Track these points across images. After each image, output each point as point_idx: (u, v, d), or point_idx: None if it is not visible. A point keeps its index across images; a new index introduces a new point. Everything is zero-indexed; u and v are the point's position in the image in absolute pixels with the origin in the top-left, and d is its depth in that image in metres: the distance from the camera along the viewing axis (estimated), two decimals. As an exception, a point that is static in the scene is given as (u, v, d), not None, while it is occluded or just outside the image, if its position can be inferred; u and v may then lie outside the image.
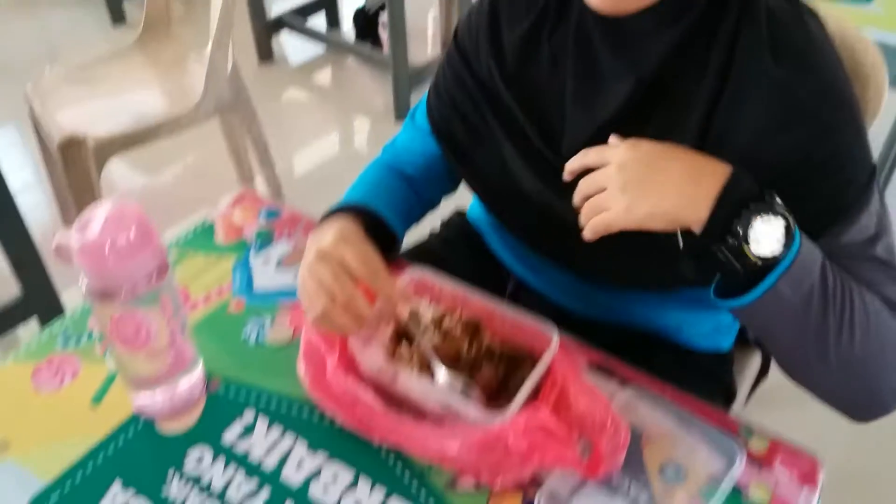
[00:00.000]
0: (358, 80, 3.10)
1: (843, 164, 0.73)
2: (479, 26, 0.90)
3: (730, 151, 0.72)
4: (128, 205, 0.67)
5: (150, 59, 2.12)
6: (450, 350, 0.77)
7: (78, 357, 0.85)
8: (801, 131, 0.72)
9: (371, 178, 0.99)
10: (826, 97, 0.72)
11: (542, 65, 0.85)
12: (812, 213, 0.72)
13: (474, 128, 0.92)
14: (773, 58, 0.72)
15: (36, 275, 1.72)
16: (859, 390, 0.76)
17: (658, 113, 0.77)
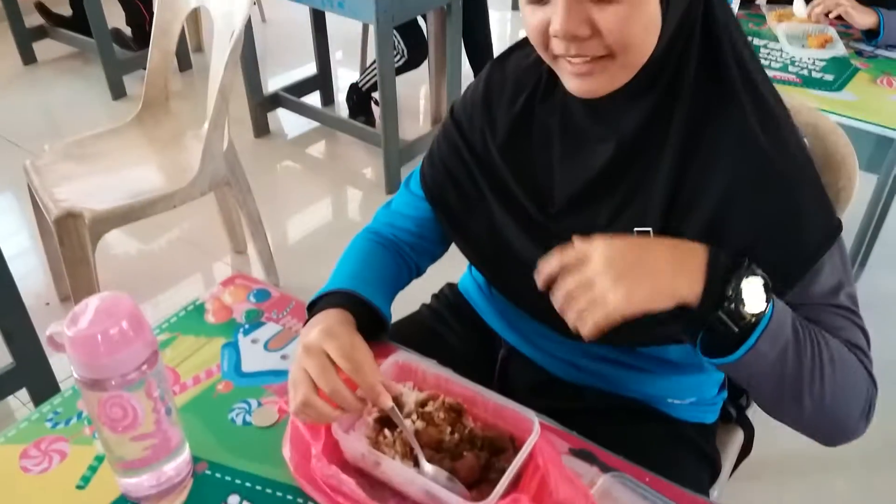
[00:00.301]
0: (350, 154, 3.17)
1: (807, 221, 0.79)
2: (473, 102, 0.97)
3: (699, 209, 0.80)
4: (119, 297, 0.69)
5: (147, 135, 2.17)
6: (432, 435, 0.79)
7: (66, 439, 0.86)
8: (767, 193, 0.78)
9: (359, 254, 1.02)
10: (789, 159, 0.79)
11: (534, 135, 0.92)
12: (780, 269, 0.77)
13: (466, 193, 0.97)
14: (738, 124, 0.79)
15: (27, 346, 1.73)
16: (830, 424, 0.85)
17: (633, 170, 0.84)
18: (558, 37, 0.76)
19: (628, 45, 0.75)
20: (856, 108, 1.65)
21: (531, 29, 0.79)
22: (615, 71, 0.78)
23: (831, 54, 1.85)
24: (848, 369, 0.81)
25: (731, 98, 0.80)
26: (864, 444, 1.85)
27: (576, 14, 0.74)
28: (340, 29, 3.89)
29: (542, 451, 0.75)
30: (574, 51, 0.76)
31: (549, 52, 0.80)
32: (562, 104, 0.89)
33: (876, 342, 0.91)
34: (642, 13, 0.74)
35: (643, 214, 0.84)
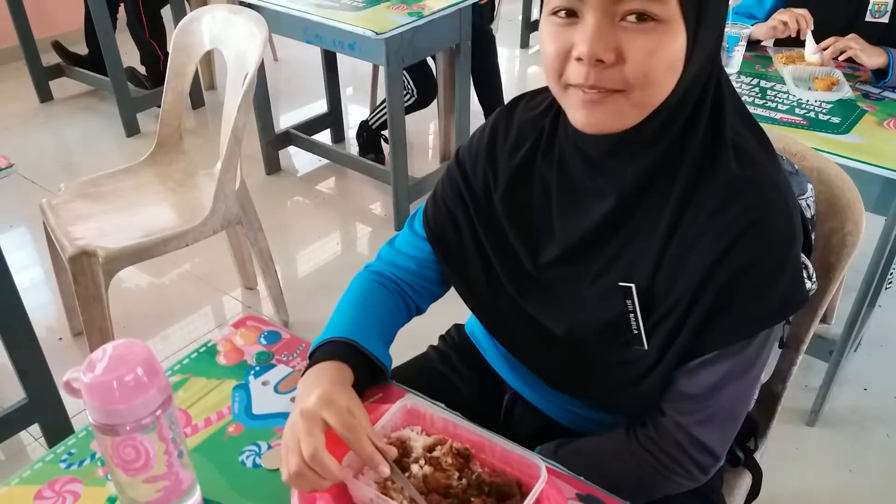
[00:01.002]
0: (360, 191, 3.20)
1: (778, 288, 0.81)
2: (479, 149, 0.99)
3: (688, 267, 0.81)
4: (134, 344, 0.71)
5: (160, 174, 2.21)
6: (440, 481, 0.79)
7: (80, 480, 0.87)
8: (750, 255, 0.79)
9: (358, 297, 1.03)
10: (777, 224, 0.80)
11: (534, 187, 0.93)
12: (736, 325, 0.82)
13: (465, 237, 0.99)
14: (728, 190, 0.80)
15: (41, 382, 1.75)
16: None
17: (628, 226, 0.85)
18: (582, 59, 0.74)
19: (648, 81, 0.74)
20: (863, 150, 1.66)
21: (550, 53, 0.77)
22: (626, 109, 0.77)
23: (838, 97, 1.86)
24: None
25: (724, 157, 0.81)
26: (876, 481, 1.85)
27: (606, 37, 0.72)
28: (351, 67, 3.96)
29: (549, 497, 0.76)
30: (592, 80, 0.74)
31: (562, 82, 0.78)
32: (559, 158, 0.90)
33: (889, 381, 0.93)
34: (669, 51, 0.73)
35: (632, 269, 0.85)
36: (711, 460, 0.90)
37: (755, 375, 0.88)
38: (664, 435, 0.90)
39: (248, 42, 1.94)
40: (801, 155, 1.16)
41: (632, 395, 0.90)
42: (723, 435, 0.90)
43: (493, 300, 0.98)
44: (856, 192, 1.11)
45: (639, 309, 0.85)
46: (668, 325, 0.84)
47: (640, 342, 0.86)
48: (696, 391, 0.87)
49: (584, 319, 0.90)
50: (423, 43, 2.56)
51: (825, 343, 1.96)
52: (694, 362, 0.86)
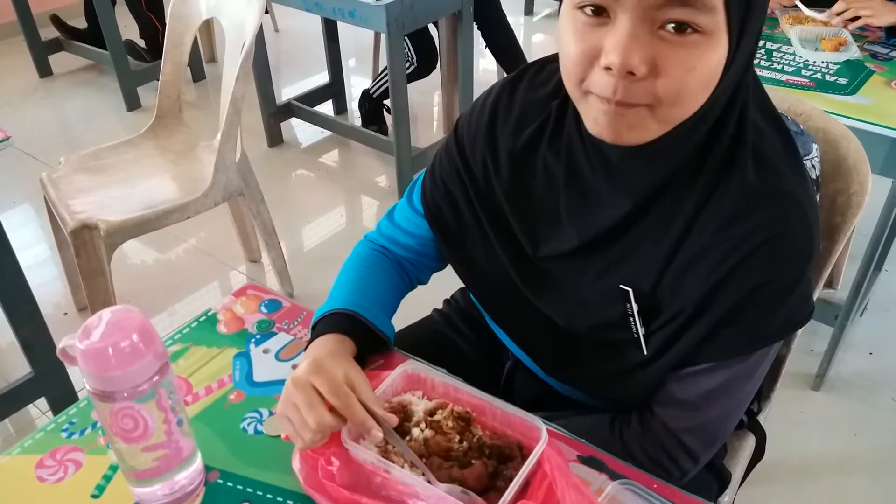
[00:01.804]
0: (363, 162, 3.18)
1: (787, 303, 0.78)
2: (479, 124, 0.93)
3: (694, 276, 0.78)
4: (130, 310, 0.70)
5: (161, 146, 2.20)
6: (441, 444, 0.79)
7: (81, 448, 0.87)
8: (761, 268, 0.75)
9: (359, 267, 1.02)
10: (789, 237, 0.76)
11: (537, 175, 0.88)
12: (742, 338, 0.79)
13: (464, 217, 0.96)
14: (744, 202, 0.76)
15: (46, 356, 1.76)
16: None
17: (638, 231, 0.81)
18: (612, 69, 0.65)
19: (680, 98, 0.67)
20: (870, 111, 1.63)
21: (572, 56, 0.69)
22: (650, 123, 0.70)
23: (845, 57, 1.83)
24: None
25: (743, 165, 0.76)
26: (880, 447, 1.85)
27: (641, 46, 0.64)
28: (353, 37, 3.92)
29: (550, 458, 0.75)
30: (620, 95, 0.67)
31: (583, 88, 0.70)
32: (568, 151, 0.83)
33: (894, 344, 0.92)
34: (708, 66, 0.67)
35: (636, 273, 0.82)
36: (693, 466, 0.89)
37: (750, 390, 0.86)
38: (650, 436, 0.88)
39: (246, 10, 1.92)
40: (806, 115, 1.14)
41: (623, 388, 0.88)
42: (709, 444, 0.89)
43: (494, 283, 0.95)
44: (862, 151, 1.10)
45: (638, 313, 0.83)
46: (668, 330, 0.82)
47: (639, 346, 0.84)
48: (688, 398, 0.85)
49: (585, 316, 0.88)
50: (424, 9, 2.53)
51: (831, 307, 1.95)
52: (689, 369, 0.83)
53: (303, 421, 0.78)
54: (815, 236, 0.78)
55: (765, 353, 0.83)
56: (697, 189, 0.77)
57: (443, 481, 0.76)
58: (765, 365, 0.85)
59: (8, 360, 2.09)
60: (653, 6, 0.63)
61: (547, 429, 0.78)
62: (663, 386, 0.86)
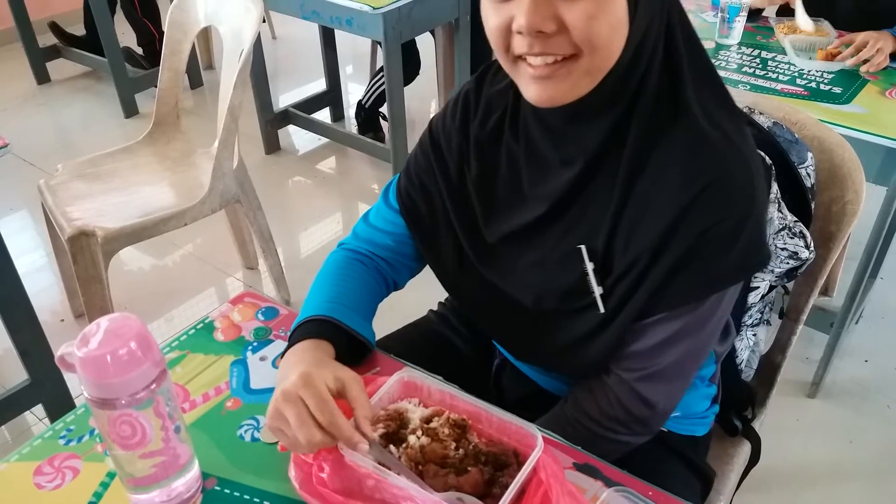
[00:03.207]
0: (360, 169, 3.19)
1: (740, 245, 0.80)
2: (452, 120, 0.97)
3: (646, 227, 0.81)
4: (128, 318, 0.71)
5: (158, 153, 2.20)
6: (437, 451, 0.79)
7: (79, 456, 0.87)
8: (710, 213, 0.78)
9: (335, 274, 1.02)
10: (736, 180, 0.79)
11: (502, 159, 0.92)
12: (697, 282, 0.82)
13: (437, 212, 0.98)
14: (686, 149, 0.79)
15: (43, 363, 1.76)
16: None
17: (587, 191, 0.85)
18: (522, 32, 0.74)
19: (595, 45, 0.74)
20: (864, 120, 1.65)
21: (493, 28, 0.77)
22: (578, 76, 0.76)
23: (839, 66, 1.85)
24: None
25: (684, 117, 0.80)
26: (875, 455, 1.86)
27: (543, 7, 0.72)
28: (350, 44, 3.94)
29: (546, 466, 0.76)
30: (538, 48, 0.74)
31: (510, 54, 0.78)
32: (525, 131, 0.89)
33: (890, 353, 0.93)
34: (609, 12, 0.73)
35: (591, 232, 0.85)
36: (649, 412, 0.91)
37: (707, 335, 0.88)
38: (603, 394, 0.91)
39: (244, 18, 1.93)
40: (801, 124, 1.15)
41: (586, 354, 0.90)
42: (667, 389, 0.91)
43: (463, 274, 0.98)
44: (856, 160, 1.11)
45: (593, 271, 0.86)
46: (624, 285, 0.84)
47: (597, 306, 0.87)
48: (643, 348, 0.87)
49: (548, 287, 0.90)
50: (421, 17, 2.54)
51: (826, 315, 1.96)
52: (645, 321, 0.86)
53: (294, 437, 0.78)
54: (758, 182, 0.81)
55: (718, 300, 0.85)
56: (633, 143, 0.81)
57: (439, 488, 0.76)
58: (720, 310, 0.87)
59: (5, 367, 2.09)
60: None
61: (542, 436, 0.78)
62: (621, 342, 0.88)
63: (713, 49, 2.00)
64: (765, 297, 1.13)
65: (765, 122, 1.09)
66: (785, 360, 1.24)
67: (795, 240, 1.04)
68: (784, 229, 1.04)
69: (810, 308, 1.19)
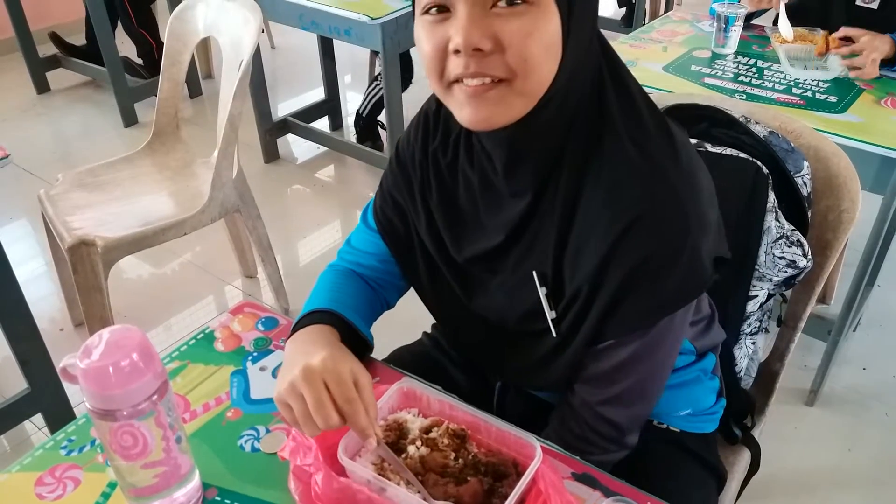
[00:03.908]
0: (359, 178, 3.20)
1: (679, 268, 0.80)
2: (414, 139, 0.97)
3: (588, 250, 0.81)
4: (130, 330, 0.71)
5: (158, 163, 2.21)
6: (437, 461, 0.80)
7: (80, 466, 0.88)
8: (647, 236, 0.79)
9: (333, 282, 1.03)
10: (671, 205, 0.79)
11: (459, 182, 0.93)
12: (644, 309, 0.82)
13: (411, 228, 0.99)
14: (616, 182, 0.79)
15: (42, 372, 1.76)
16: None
17: (536, 217, 0.86)
18: (460, 50, 0.73)
19: (529, 66, 0.74)
20: (860, 129, 1.66)
21: (429, 50, 0.76)
22: (511, 98, 0.76)
23: (833, 75, 1.86)
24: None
25: (612, 146, 0.80)
26: (874, 462, 1.86)
27: (480, 25, 0.72)
28: (348, 53, 3.95)
29: (545, 476, 0.76)
30: (473, 68, 0.74)
31: (444, 80, 0.77)
32: (478, 160, 0.89)
33: (888, 360, 0.93)
34: (545, 31, 0.73)
35: (543, 257, 0.86)
36: (616, 433, 0.92)
37: (663, 356, 0.89)
38: (573, 414, 0.92)
39: (243, 29, 1.94)
40: (797, 133, 1.16)
41: (546, 375, 0.92)
42: (630, 412, 0.92)
43: (436, 291, 0.99)
44: (852, 169, 1.12)
45: (544, 297, 0.87)
46: (573, 311, 0.85)
47: (551, 330, 0.88)
48: (600, 371, 0.88)
49: (509, 309, 0.92)
50: (419, 28, 2.54)
51: (824, 323, 1.96)
52: (598, 346, 0.87)
53: (307, 415, 0.79)
54: (689, 208, 0.79)
55: (668, 323, 0.85)
56: (572, 172, 0.81)
57: (439, 498, 0.76)
58: (672, 334, 0.87)
59: (4, 376, 2.09)
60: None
61: (541, 446, 0.79)
62: (580, 365, 0.89)
63: (709, 58, 2.01)
64: (763, 305, 1.14)
65: (761, 132, 1.10)
66: (783, 368, 1.25)
67: (793, 248, 1.05)
68: (782, 238, 1.05)
69: (808, 316, 1.20)
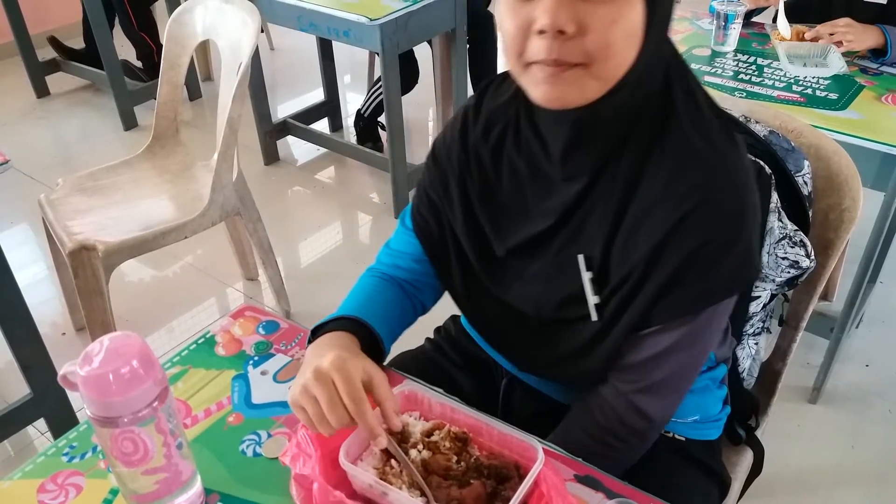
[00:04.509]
0: (359, 179, 3.20)
1: (730, 259, 0.82)
2: (451, 139, 0.98)
3: (640, 238, 0.83)
4: (130, 337, 0.71)
5: (158, 166, 2.21)
6: (439, 464, 0.80)
7: (82, 472, 0.88)
8: (702, 226, 0.80)
9: (364, 290, 1.04)
10: (719, 214, 0.81)
11: (504, 172, 0.93)
12: (690, 297, 0.83)
13: (444, 227, 0.99)
14: (678, 168, 0.81)
15: (45, 377, 1.76)
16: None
17: (587, 202, 0.86)
18: (545, 31, 0.74)
19: (609, 52, 0.75)
20: (861, 126, 1.65)
21: (511, 29, 0.77)
22: (588, 81, 0.77)
23: (833, 72, 1.85)
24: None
25: (676, 132, 0.82)
26: (877, 459, 1.86)
27: (567, 8, 0.72)
28: (348, 54, 3.94)
29: (547, 478, 0.76)
30: (555, 53, 0.74)
31: (523, 60, 0.78)
32: (527, 147, 0.90)
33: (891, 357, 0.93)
34: (628, 20, 0.74)
35: (590, 242, 0.87)
36: (646, 424, 0.92)
37: (701, 349, 0.90)
38: (600, 409, 0.92)
39: (241, 31, 1.94)
40: (797, 131, 1.16)
41: (585, 364, 0.92)
42: (663, 403, 0.92)
43: (468, 287, 0.99)
44: (853, 167, 1.11)
45: (589, 281, 0.87)
46: (619, 296, 0.86)
47: (592, 315, 0.88)
48: (639, 360, 0.89)
49: (548, 297, 0.92)
50: (417, 28, 2.55)
51: (826, 320, 1.96)
52: (641, 333, 0.87)
53: (321, 416, 0.79)
54: (747, 199, 0.82)
55: (712, 313, 0.86)
56: (634, 157, 0.82)
57: (441, 501, 0.76)
58: (715, 323, 0.89)
59: (6, 381, 2.09)
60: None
61: (543, 448, 0.78)
62: (618, 353, 0.90)
63: (709, 56, 2.00)
64: (766, 305, 1.13)
65: (761, 131, 1.10)
66: (785, 368, 1.25)
67: (796, 249, 1.05)
68: (784, 238, 1.05)
69: (810, 314, 1.20)
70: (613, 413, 0.91)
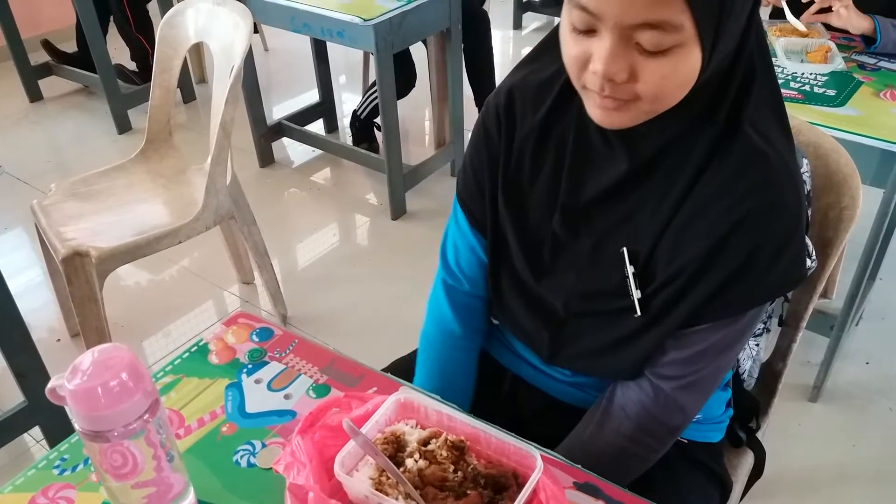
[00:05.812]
0: (355, 180, 3.18)
1: (782, 262, 0.82)
2: (497, 110, 0.96)
3: (696, 236, 0.82)
4: (118, 349, 0.70)
5: (151, 171, 2.19)
6: (436, 474, 0.78)
7: (73, 486, 0.86)
8: (759, 230, 0.80)
9: (445, 365, 1.09)
10: (782, 212, 0.81)
11: (549, 146, 0.92)
12: (741, 298, 0.84)
13: (486, 204, 0.98)
14: (741, 167, 0.80)
15: (39, 384, 1.74)
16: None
17: (639, 191, 0.85)
18: (597, 75, 0.74)
19: (660, 99, 0.76)
20: (859, 123, 1.64)
21: (570, 56, 0.78)
22: (641, 113, 0.78)
23: (831, 69, 1.84)
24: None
25: (740, 133, 0.80)
26: (878, 457, 1.85)
27: (620, 59, 0.72)
28: (342, 55, 3.93)
29: (545, 487, 0.75)
30: (608, 91, 0.75)
31: (580, 81, 0.79)
32: (578, 117, 0.88)
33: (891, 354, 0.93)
34: (682, 71, 0.73)
35: (636, 236, 0.86)
36: (683, 420, 0.93)
37: (741, 346, 0.91)
38: (636, 406, 0.92)
39: (234, 33, 1.92)
40: (796, 129, 1.15)
41: (621, 357, 0.91)
42: (700, 399, 0.93)
43: (501, 273, 0.99)
44: (852, 165, 1.10)
45: (633, 276, 0.86)
46: (667, 292, 0.85)
47: (635, 310, 0.88)
48: (683, 357, 0.88)
49: (584, 288, 0.91)
50: (412, 27, 2.53)
51: (826, 318, 1.95)
52: (687, 330, 0.87)
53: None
54: (802, 201, 0.83)
55: (757, 312, 0.87)
56: (697, 153, 0.81)
57: (438, 511, 0.75)
58: (755, 322, 0.90)
59: (1, 389, 2.07)
60: (629, 27, 0.71)
61: (542, 456, 0.77)
62: (658, 349, 0.89)
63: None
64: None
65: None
66: (786, 368, 1.24)
67: None
68: None
69: (810, 312, 1.19)
70: (652, 411, 0.91)
